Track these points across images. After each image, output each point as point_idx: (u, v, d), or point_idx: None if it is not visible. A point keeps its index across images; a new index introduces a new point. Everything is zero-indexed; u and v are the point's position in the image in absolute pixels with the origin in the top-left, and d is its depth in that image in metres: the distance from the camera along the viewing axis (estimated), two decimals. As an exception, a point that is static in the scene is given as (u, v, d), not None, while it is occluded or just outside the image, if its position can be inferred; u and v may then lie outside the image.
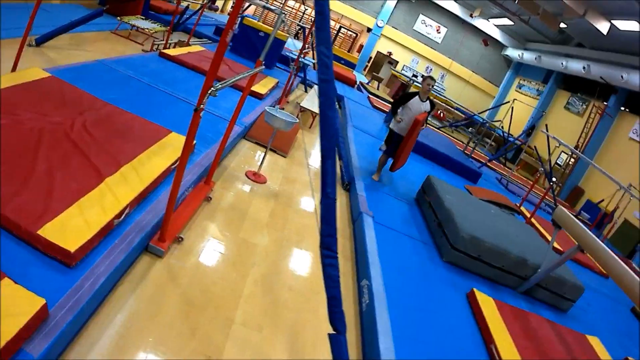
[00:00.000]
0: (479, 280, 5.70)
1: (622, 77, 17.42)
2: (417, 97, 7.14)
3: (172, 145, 4.71)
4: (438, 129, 19.28)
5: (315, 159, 8.12)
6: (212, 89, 3.13)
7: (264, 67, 5.03)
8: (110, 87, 6.13)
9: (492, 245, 5.61)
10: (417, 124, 6.89)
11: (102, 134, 4.30)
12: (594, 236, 5.06)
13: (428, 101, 7.27)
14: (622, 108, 19.49)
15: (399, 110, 7.28)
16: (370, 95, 18.67)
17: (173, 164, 4.42)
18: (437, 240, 6.04)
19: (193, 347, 2.94)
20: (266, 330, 3.42)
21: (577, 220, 5.46)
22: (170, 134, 5.02)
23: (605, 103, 20.12)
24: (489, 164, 16.55)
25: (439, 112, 23.21)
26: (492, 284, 5.82)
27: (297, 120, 6.06)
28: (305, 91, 13.79)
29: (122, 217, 3.33)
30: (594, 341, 5.70)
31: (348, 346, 2.86)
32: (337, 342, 2.65)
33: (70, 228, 2.80)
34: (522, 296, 5.97)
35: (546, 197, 15.44)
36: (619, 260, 4.60)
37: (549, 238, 5.45)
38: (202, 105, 3.13)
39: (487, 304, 4.87)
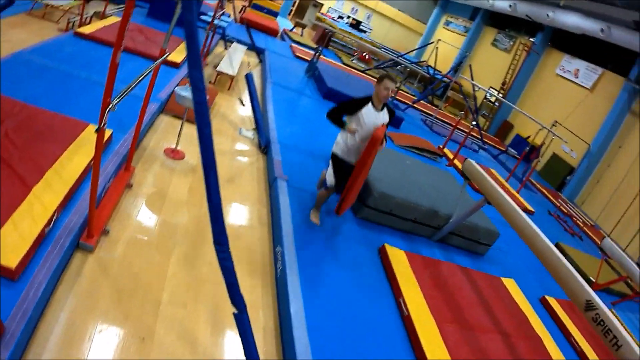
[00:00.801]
0: (393, 233, 6.42)
1: (547, 15, 18.33)
2: (369, 104, 5.30)
3: (90, 141, 5.04)
4: (363, 72, 19.66)
5: (233, 125, 8.44)
6: (111, 105, 3.39)
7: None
8: (27, 82, 6.29)
9: (402, 200, 6.30)
10: (374, 144, 5.07)
11: (23, 139, 4.62)
12: (499, 190, 5.73)
13: (385, 110, 5.48)
14: (549, 45, 20.52)
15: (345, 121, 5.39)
16: (292, 44, 18.85)
17: (92, 160, 4.78)
18: (350, 197, 6.63)
19: (128, 331, 3.48)
20: (190, 305, 3.99)
21: (484, 174, 6.14)
22: (88, 127, 5.34)
23: (532, 40, 21.14)
24: (416, 105, 17.14)
25: (364, 54, 23.55)
26: (406, 235, 6.52)
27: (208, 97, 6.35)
28: (225, 48, 13.86)
29: (52, 224, 3.78)
30: (509, 283, 6.44)
31: (266, 315, 3.64)
32: (240, 320, 3.11)
33: (8, 245, 3.25)
34: (437, 244, 6.70)
35: (473, 134, 16.38)
36: (522, 214, 5.30)
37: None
38: (102, 126, 3.45)
39: (397, 257, 5.56)
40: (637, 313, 10.67)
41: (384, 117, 5.39)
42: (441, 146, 12.58)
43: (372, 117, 5.27)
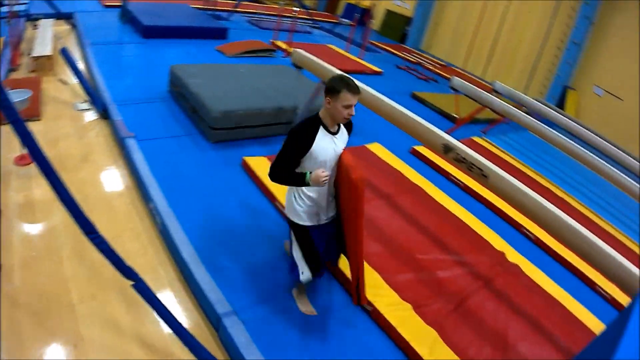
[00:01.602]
0: (250, 143, 6.55)
1: None
2: (320, 129, 3.46)
3: None
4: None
5: (68, 104, 7.88)
6: None
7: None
8: None
9: (245, 111, 6.38)
10: (356, 186, 3.21)
11: None
12: (332, 68, 5.87)
13: (342, 126, 3.65)
14: None
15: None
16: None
17: None
18: (199, 127, 6.62)
19: (60, 345, 3.46)
20: (98, 295, 3.98)
21: (312, 58, 6.21)
22: None
23: None
24: (238, 9, 16.77)
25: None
26: (264, 140, 6.63)
27: (28, 95, 5.92)
28: (35, 28, 12.78)
29: None
30: (375, 147, 6.70)
31: (166, 269, 3.92)
32: (140, 289, 3.19)
33: None
34: None
35: (302, 17, 16.32)
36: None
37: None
38: None
39: (260, 165, 5.67)
40: (508, 133, 11.48)
41: (342, 137, 3.61)
42: (272, 40, 12.51)
43: (330, 145, 3.46)
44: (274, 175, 3.46)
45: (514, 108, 9.27)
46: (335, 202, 3.76)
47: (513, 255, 5.80)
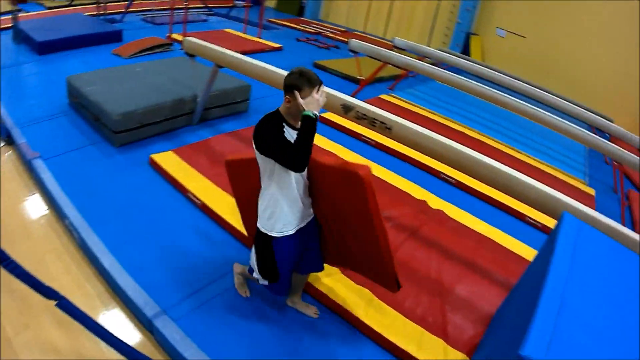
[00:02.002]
0: (157, 140, 6.48)
1: None
2: (284, 127, 3.17)
3: None
4: (68, 6, 18.21)
5: None
6: None
7: None
8: None
9: (145, 108, 6.28)
10: (362, 183, 3.10)
11: None
12: (224, 50, 6.09)
13: None
14: None
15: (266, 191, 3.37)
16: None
17: None
18: (103, 134, 6.50)
19: None
20: (31, 323, 3.88)
21: (203, 44, 6.32)
22: None
23: None
24: (131, 8, 16.34)
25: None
26: (169, 134, 6.60)
27: None
28: None
29: None
30: None
31: (92, 284, 3.90)
32: (63, 307, 3.15)
33: None
34: (200, 126, 6.92)
35: (196, 6, 16.17)
36: (241, 57, 5.66)
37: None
38: None
39: (167, 160, 5.68)
40: (415, 86, 11.78)
41: None
42: (168, 34, 12.39)
43: None
44: (296, 158, 3.01)
45: (415, 60, 9.52)
46: (309, 214, 3.56)
47: (435, 202, 6.04)
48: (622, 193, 8.68)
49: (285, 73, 5.13)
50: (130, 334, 3.81)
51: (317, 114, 3.02)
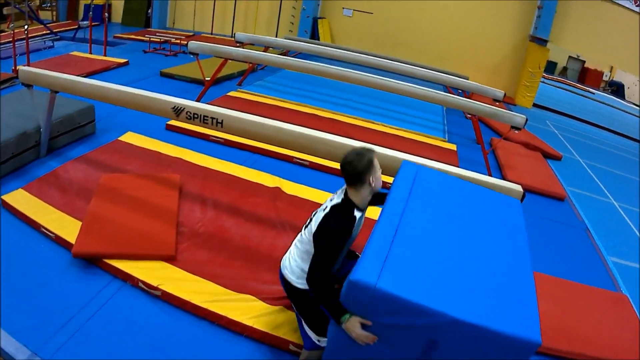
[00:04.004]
0: (9, 180, 6.05)
1: None
2: (355, 213, 3.21)
3: None
4: None
5: None
6: None
7: None
8: None
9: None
10: None
11: None
12: (49, 73, 6.06)
13: None
14: None
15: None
16: None
17: None
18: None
19: None
20: None
21: (36, 71, 6.19)
22: None
23: None
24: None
25: None
26: (21, 170, 6.26)
27: None
28: None
29: None
30: (129, 137, 6.85)
31: None
32: None
33: None
34: (50, 157, 6.61)
35: (39, 33, 15.58)
36: (80, 80, 5.73)
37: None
38: None
39: (19, 199, 5.38)
40: (265, 77, 12.06)
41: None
42: (13, 67, 11.87)
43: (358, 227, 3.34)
44: (319, 282, 3.00)
45: (255, 52, 9.76)
46: None
47: (290, 187, 6.26)
48: (482, 143, 9.38)
49: (127, 88, 5.29)
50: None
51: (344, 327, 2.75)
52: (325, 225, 3.13)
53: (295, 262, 3.40)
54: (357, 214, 3.21)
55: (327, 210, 3.22)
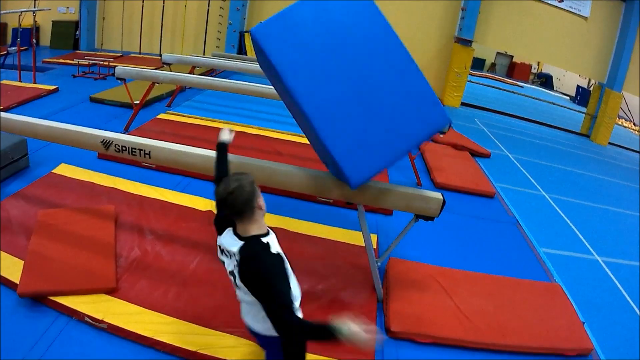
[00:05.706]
0: None
1: None
2: (265, 240, 2.87)
3: None
4: None
5: None
6: None
7: None
8: None
9: None
10: None
11: None
12: None
13: None
14: None
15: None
16: None
17: None
18: None
19: None
20: None
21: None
22: None
23: None
24: None
25: None
26: None
27: None
28: None
29: None
30: (63, 168, 6.88)
31: None
32: None
33: None
34: None
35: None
36: None
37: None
38: None
39: None
40: (194, 97, 12.18)
41: None
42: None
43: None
44: (292, 330, 2.64)
45: (180, 74, 9.90)
46: None
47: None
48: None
49: (56, 124, 5.31)
50: None
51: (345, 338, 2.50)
52: (256, 279, 2.72)
53: (253, 315, 2.98)
54: (267, 239, 2.86)
55: (238, 265, 2.79)
